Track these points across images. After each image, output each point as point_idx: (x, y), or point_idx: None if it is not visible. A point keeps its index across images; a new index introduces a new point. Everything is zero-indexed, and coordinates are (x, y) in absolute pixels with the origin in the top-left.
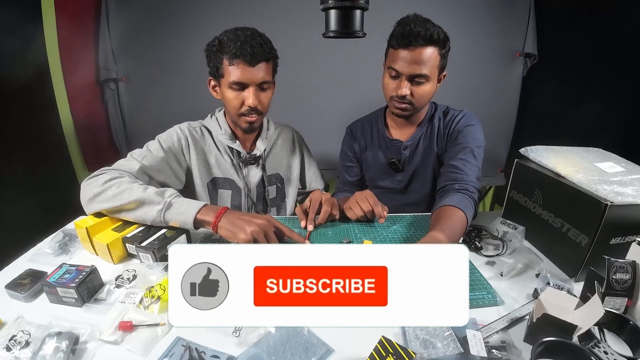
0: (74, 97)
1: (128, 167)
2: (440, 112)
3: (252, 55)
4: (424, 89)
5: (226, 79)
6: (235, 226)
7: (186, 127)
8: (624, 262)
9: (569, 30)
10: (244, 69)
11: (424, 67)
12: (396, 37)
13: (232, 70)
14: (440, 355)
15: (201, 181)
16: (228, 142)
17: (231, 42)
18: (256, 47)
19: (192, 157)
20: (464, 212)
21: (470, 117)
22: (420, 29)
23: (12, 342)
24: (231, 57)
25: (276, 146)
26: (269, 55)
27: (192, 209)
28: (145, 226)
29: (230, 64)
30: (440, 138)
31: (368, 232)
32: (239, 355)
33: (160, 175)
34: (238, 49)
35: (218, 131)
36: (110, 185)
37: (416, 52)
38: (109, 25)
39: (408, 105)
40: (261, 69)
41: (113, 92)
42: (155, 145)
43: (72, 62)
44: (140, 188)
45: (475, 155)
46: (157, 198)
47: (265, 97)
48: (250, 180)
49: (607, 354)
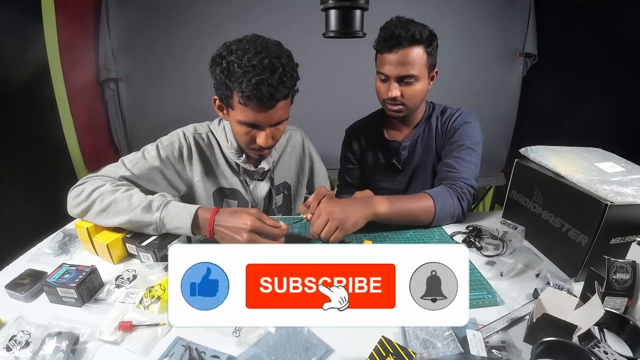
0: (74, 97)
1: (115, 175)
2: (438, 112)
3: (270, 97)
4: (414, 88)
5: (236, 115)
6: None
7: (191, 134)
8: (624, 262)
9: (569, 30)
10: (258, 112)
11: (410, 67)
12: (380, 42)
13: (244, 111)
14: (440, 355)
15: (206, 192)
16: (234, 157)
17: (243, 76)
18: (275, 86)
19: (195, 167)
20: (434, 200)
21: (468, 115)
22: (401, 31)
23: (12, 342)
24: (243, 97)
25: (285, 154)
26: (289, 91)
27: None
28: None
29: (242, 103)
30: (439, 137)
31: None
32: (239, 355)
33: (151, 185)
34: (252, 90)
35: (224, 143)
36: (94, 199)
37: (400, 53)
38: (109, 25)
39: (401, 107)
40: (279, 108)
41: (113, 92)
42: (153, 153)
43: (72, 62)
44: (124, 201)
45: (471, 152)
46: (147, 218)
47: (279, 132)
48: (258, 194)
49: (607, 354)
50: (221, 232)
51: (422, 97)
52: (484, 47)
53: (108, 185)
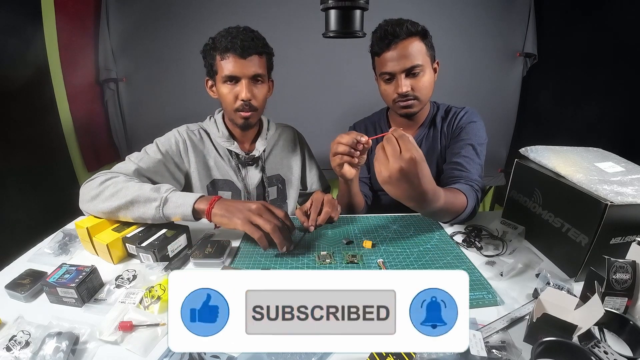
0: (74, 97)
1: (125, 169)
2: (442, 111)
3: (242, 47)
4: (423, 79)
5: (220, 75)
6: (230, 212)
7: (184, 131)
8: (624, 262)
9: (569, 30)
10: (235, 61)
11: (413, 58)
12: (376, 43)
13: (225, 65)
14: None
15: (200, 184)
16: (226, 144)
17: (223, 37)
18: (247, 40)
19: (191, 160)
20: (467, 197)
21: (473, 114)
22: (395, 26)
23: (12, 342)
24: (223, 51)
25: (277, 147)
26: (262, 50)
27: (189, 200)
28: (145, 226)
29: (222, 58)
30: (444, 136)
31: (368, 232)
32: (239, 356)
33: (157, 177)
34: (229, 43)
35: (216, 134)
36: (107, 185)
37: (400, 47)
38: (109, 25)
39: (414, 101)
40: (253, 62)
41: (113, 92)
42: (153, 149)
43: (72, 62)
44: (135, 186)
45: (477, 152)
46: (154, 194)
47: (259, 91)
48: (250, 182)
49: (607, 354)
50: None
51: (432, 88)
52: (484, 47)
53: (122, 177)
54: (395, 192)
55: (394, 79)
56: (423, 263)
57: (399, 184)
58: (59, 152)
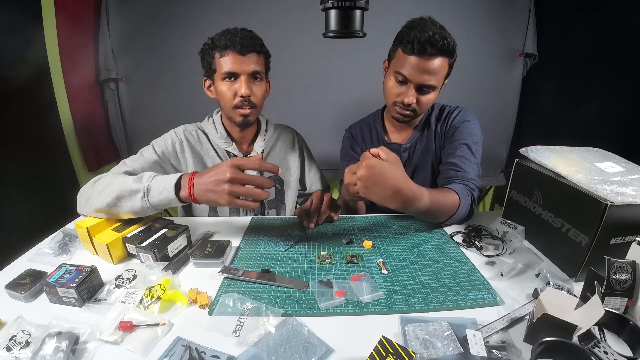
0: (74, 97)
1: (118, 172)
2: (437, 111)
3: (242, 45)
4: (429, 97)
5: (219, 72)
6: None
7: (182, 131)
8: (624, 262)
9: (569, 31)
10: (234, 58)
11: (433, 77)
12: (411, 41)
13: (224, 62)
14: (440, 355)
15: None
16: (224, 144)
17: (222, 37)
18: (246, 39)
19: (188, 160)
20: (460, 197)
21: (467, 113)
22: (438, 37)
23: (12, 342)
24: (222, 48)
25: (275, 147)
26: (260, 48)
27: (170, 182)
28: (145, 226)
29: (222, 55)
30: (438, 137)
31: (368, 232)
32: (239, 355)
33: None
34: (228, 40)
35: (214, 134)
36: (96, 185)
37: (429, 62)
38: (109, 25)
39: (411, 113)
40: (252, 59)
41: (113, 92)
42: (149, 150)
43: (72, 62)
44: (120, 180)
45: (472, 151)
46: (136, 185)
47: (257, 89)
48: None
49: (607, 354)
50: (201, 192)
51: (431, 104)
52: (484, 47)
53: (110, 174)
54: (374, 197)
55: (406, 83)
56: (423, 263)
57: (372, 188)
58: (59, 152)
